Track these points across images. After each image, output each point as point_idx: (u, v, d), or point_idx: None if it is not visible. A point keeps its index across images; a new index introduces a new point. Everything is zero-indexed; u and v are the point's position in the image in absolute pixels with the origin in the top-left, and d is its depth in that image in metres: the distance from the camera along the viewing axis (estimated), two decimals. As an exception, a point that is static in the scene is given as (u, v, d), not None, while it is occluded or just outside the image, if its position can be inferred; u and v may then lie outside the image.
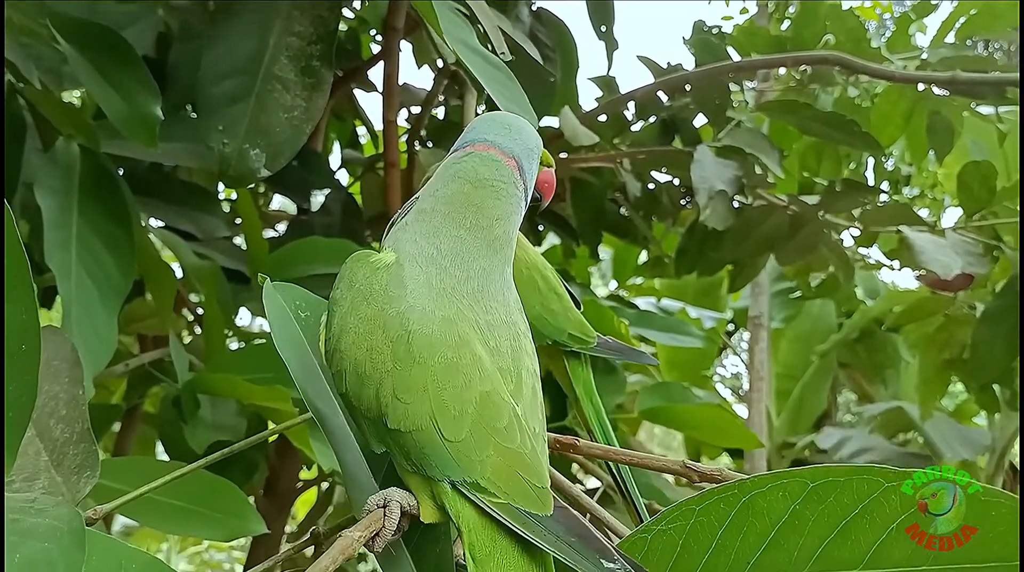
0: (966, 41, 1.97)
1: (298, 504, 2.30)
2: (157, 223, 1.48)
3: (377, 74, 1.70)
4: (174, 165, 1.47)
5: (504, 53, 0.95)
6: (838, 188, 1.75)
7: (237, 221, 1.58)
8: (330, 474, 1.72)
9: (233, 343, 1.65)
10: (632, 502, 0.71)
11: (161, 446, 1.56)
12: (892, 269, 2.19)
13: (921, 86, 1.82)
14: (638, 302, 2.22)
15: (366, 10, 1.79)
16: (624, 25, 1.84)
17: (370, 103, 3.05)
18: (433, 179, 0.57)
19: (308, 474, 1.93)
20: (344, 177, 1.94)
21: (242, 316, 1.87)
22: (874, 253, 2.09)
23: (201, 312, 1.66)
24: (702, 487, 0.49)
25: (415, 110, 1.84)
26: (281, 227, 1.96)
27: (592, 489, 1.27)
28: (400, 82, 1.59)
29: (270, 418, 1.32)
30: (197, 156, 1.32)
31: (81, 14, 1.19)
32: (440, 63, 1.65)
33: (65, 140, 1.18)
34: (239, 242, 1.57)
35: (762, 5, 2.88)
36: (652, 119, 1.84)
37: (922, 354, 2.13)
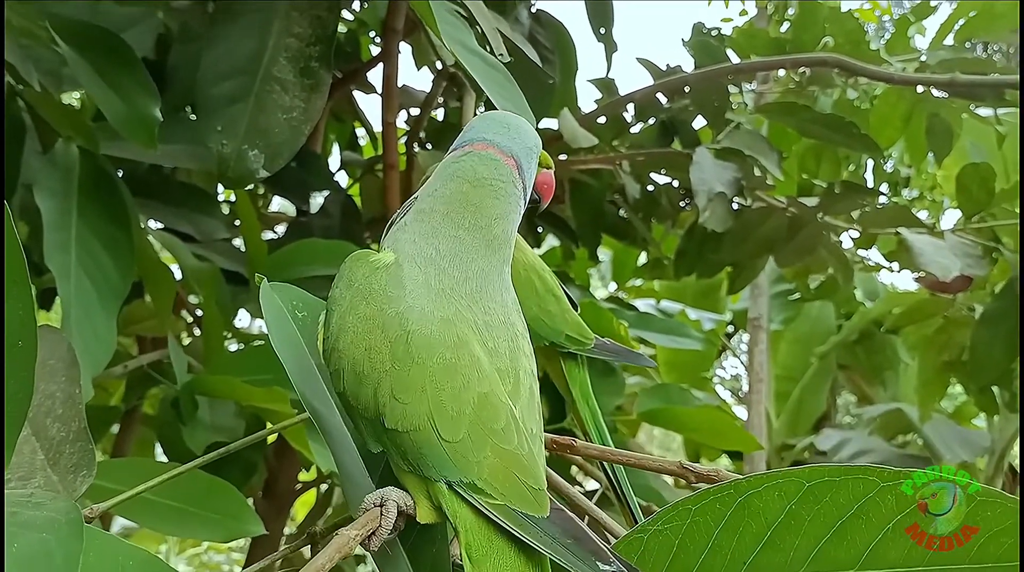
0: (965, 43, 1.97)
1: (297, 506, 2.30)
2: (156, 225, 1.48)
3: (376, 76, 1.70)
4: (173, 167, 1.47)
5: (502, 55, 0.95)
6: (837, 190, 1.75)
7: (236, 223, 1.58)
8: (329, 476, 1.72)
9: (232, 345, 1.65)
10: (627, 504, 0.71)
11: (160, 448, 1.56)
12: (891, 271, 2.19)
13: (920, 88, 1.82)
14: (637, 304, 2.23)
15: (365, 12, 1.80)
16: (623, 27, 1.84)
17: (369, 105, 3.04)
18: (432, 178, 0.57)
19: (307, 476, 1.93)
20: (343, 179, 1.94)
21: (241, 318, 1.87)
22: (873, 255, 2.10)
23: (200, 314, 1.66)
24: (700, 488, 0.49)
25: (414, 112, 1.84)
26: (280, 229, 1.96)
27: (591, 491, 1.27)
28: (399, 84, 1.59)
29: (268, 419, 1.32)
30: (196, 158, 1.32)
31: (81, 16, 1.19)
32: (439, 65, 1.65)
33: (64, 142, 1.18)
34: (238, 244, 1.57)
35: (761, 7, 2.88)
36: (651, 121, 1.84)
37: (921, 356, 2.13)
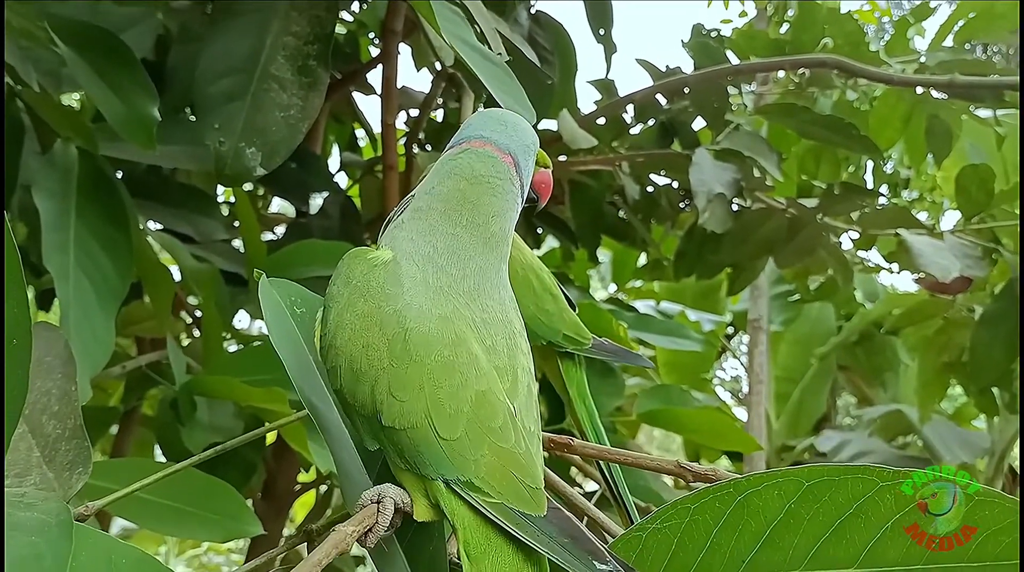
0: (964, 45, 1.97)
1: (297, 507, 2.30)
2: (156, 226, 1.48)
3: (376, 77, 1.70)
4: (173, 168, 1.47)
5: (501, 54, 0.94)
6: (837, 191, 1.75)
7: (235, 224, 1.58)
8: (328, 477, 1.72)
9: (232, 346, 1.65)
10: (623, 504, 0.70)
11: (159, 449, 1.56)
12: (891, 272, 2.19)
13: (919, 89, 1.82)
14: (637, 305, 2.22)
15: (365, 13, 1.80)
16: (623, 28, 1.84)
17: (369, 106, 3.05)
18: (429, 176, 0.57)
19: (306, 477, 1.93)
20: (343, 180, 1.94)
21: (241, 319, 1.87)
22: (873, 256, 2.10)
23: (199, 315, 1.65)
24: (698, 488, 0.49)
25: (414, 113, 1.84)
26: (280, 230, 1.96)
27: (590, 492, 1.26)
28: (399, 85, 1.59)
29: (267, 420, 1.31)
30: (195, 159, 1.32)
31: (80, 17, 1.19)
32: (438, 66, 1.65)
33: (63, 142, 1.18)
34: (237, 245, 1.57)
35: (761, 8, 2.88)
36: (651, 122, 1.84)
37: (921, 357, 2.13)
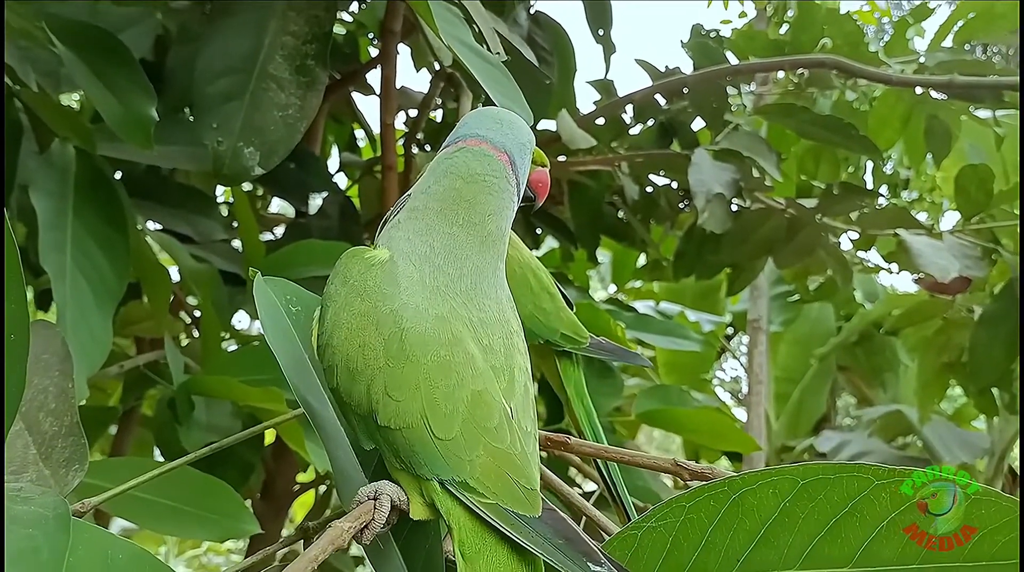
0: (964, 45, 1.97)
1: (296, 507, 2.30)
2: (154, 226, 1.48)
3: (375, 77, 1.71)
4: (172, 168, 1.47)
5: (499, 54, 0.94)
6: (836, 191, 1.74)
7: (234, 224, 1.58)
8: (327, 477, 1.72)
9: (231, 346, 1.65)
10: (621, 503, 0.70)
11: (158, 449, 1.56)
12: (890, 272, 2.19)
13: (919, 90, 1.82)
14: (637, 305, 2.22)
15: (363, 14, 1.80)
16: (622, 28, 1.84)
17: (368, 106, 3.04)
18: (425, 175, 0.57)
19: (305, 477, 1.93)
20: (342, 180, 1.94)
21: (240, 319, 1.87)
22: (872, 256, 2.09)
23: (198, 315, 1.65)
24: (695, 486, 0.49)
25: (412, 113, 1.84)
26: (279, 230, 1.95)
27: (589, 492, 1.26)
28: (397, 85, 1.59)
29: (265, 420, 1.31)
30: (194, 159, 1.32)
31: (78, 17, 1.19)
32: (437, 66, 1.65)
33: (61, 142, 1.18)
34: (236, 245, 1.57)
35: (760, 8, 2.88)
36: (650, 122, 1.85)
37: (921, 357, 2.13)
